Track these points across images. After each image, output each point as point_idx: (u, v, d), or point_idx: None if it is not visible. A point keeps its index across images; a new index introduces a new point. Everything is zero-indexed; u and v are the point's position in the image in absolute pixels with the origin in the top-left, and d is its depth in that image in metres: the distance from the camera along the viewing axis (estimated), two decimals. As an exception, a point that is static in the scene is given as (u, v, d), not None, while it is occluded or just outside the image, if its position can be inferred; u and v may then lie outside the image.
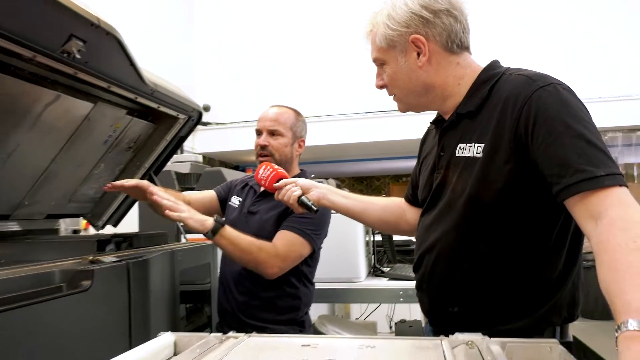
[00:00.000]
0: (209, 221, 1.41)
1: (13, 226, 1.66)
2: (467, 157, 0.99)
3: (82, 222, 2.61)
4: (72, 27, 1.13)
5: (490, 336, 0.77)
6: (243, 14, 5.82)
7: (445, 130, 1.08)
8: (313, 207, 1.28)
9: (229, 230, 1.44)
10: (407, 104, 1.13)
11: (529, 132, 0.90)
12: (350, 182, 11.62)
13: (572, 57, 5.24)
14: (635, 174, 6.28)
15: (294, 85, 5.62)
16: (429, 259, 1.07)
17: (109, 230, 2.00)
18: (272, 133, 1.66)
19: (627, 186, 0.82)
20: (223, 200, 1.79)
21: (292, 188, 1.30)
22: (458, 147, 1.03)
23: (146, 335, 1.25)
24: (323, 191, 1.31)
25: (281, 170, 1.41)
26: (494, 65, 1.06)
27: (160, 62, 4.89)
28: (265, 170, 1.40)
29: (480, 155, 0.96)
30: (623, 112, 5.21)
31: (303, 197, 1.29)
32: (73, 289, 1.06)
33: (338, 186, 4.15)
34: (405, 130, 4.89)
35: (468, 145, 1.00)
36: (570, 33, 5.23)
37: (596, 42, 5.19)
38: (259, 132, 1.68)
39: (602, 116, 5.21)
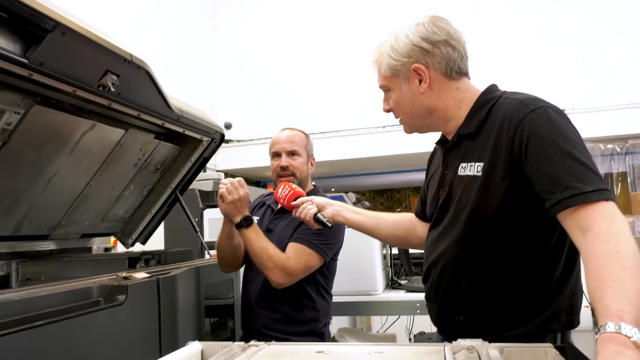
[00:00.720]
0: (238, 217, 1.61)
1: (50, 245, 1.78)
2: (469, 175, 1.07)
3: (111, 239, 2.74)
4: (108, 63, 1.25)
5: (492, 342, 0.84)
6: (264, 34, 5.99)
7: (449, 150, 1.16)
8: (328, 223, 1.36)
9: (250, 231, 1.61)
10: (412, 126, 1.22)
11: (522, 152, 0.98)
12: (371, 195, 11.64)
13: (591, 65, 5.23)
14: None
15: (313, 102, 5.74)
16: (436, 270, 1.14)
17: (137, 247, 2.11)
18: (291, 154, 1.76)
19: (614, 201, 0.89)
20: None
21: (309, 206, 1.39)
22: (460, 166, 1.10)
23: (175, 345, 1.34)
24: (337, 208, 1.40)
25: (299, 189, 1.50)
26: (491, 89, 1.14)
27: (185, 82, 5.08)
28: (284, 190, 1.50)
29: (480, 173, 1.04)
30: (645, 118, 5.16)
31: (319, 215, 1.37)
32: (110, 302, 1.16)
33: (358, 199, 4.23)
34: (422, 143, 4.91)
35: (469, 164, 1.08)
36: (591, 39, 5.22)
37: (616, 50, 5.17)
38: (277, 154, 1.78)
39: (623, 123, 5.18)
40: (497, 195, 1.01)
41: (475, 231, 1.06)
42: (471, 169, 1.07)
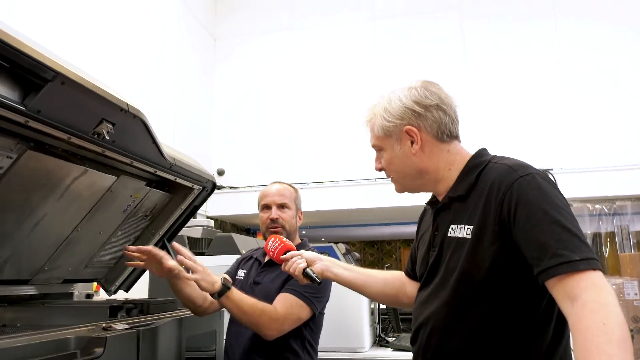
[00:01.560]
0: (218, 283, 1.49)
1: (31, 290, 1.73)
2: (458, 237, 1.08)
3: (94, 284, 2.68)
4: (104, 112, 1.27)
5: None
6: (260, 84, 6.14)
7: (439, 211, 1.17)
8: (317, 279, 1.35)
9: (234, 293, 1.52)
10: (403, 186, 1.24)
11: (511, 217, 0.99)
12: (361, 246, 11.57)
13: (579, 127, 5.38)
14: (648, 242, 6.20)
15: (306, 152, 5.82)
16: (424, 332, 1.12)
17: (121, 295, 2.06)
18: (281, 206, 1.78)
19: (601, 270, 0.89)
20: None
21: (298, 260, 1.38)
22: (450, 228, 1.11)
23: (151, 402, 1.28)
24: (327, 264, 1.39)
25: (289, 242, 1.49)
26: (481, 153, 1.17)
27: (181, 128, 5.15)
28: (274, 242, 1.49)
29: (469, 236, 1.05)
30: (632, 180, 5.27)
31: (308, 270, 1.36)
32: (86, 355, 1.12)
33: (347, 250, 4.20)
34: (413, 196, 4.96)
35: (459, 226, 1.09)
36: (578, 102, 5.40)
37: (605, 111, 5.35)
38: (267, 207, 1.80)
39: (611, 185, 5.28)
40: (486, 259, 1.02)
41: (464, 294, 1.05)
42: (461, 231, 1.08)
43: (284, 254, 1.44)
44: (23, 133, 1.19)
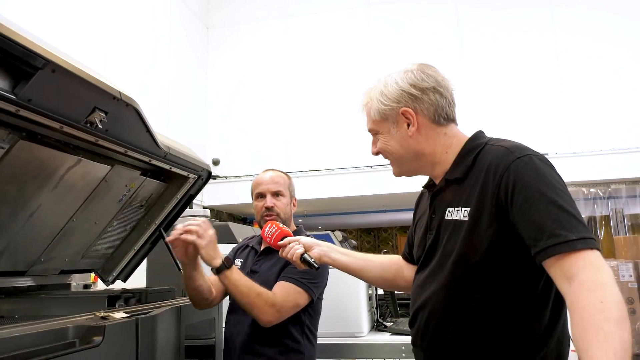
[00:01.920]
0: (218, 260, 1.50)
1: (28, 282, 1.73)
2: (455, 220, 1.08)
3: (91, 275, 2.67)
4: (97, 101, 1.26)
5: None
6: (255, 72, 6.10)
7: (436, 194, 1.18)
8: (315, 264, 1.35)
9: (233, 272, 1.53)
10: (400, 169, 1.24)
11: (508, 199, 0.99)
12: (358, 234, 11.61)
13: (574, 111, 5.39)
14: (643, 225, 6.26)
15: (301, 140, 5.80)
16: (422, 315, 1.13)
17: (118, 285, 2.06)
18: (276, 194, 1.77)
19: (598, 249, 0.90)
20: None
21: (296, 246, 1.38)
22: (447, 211, 1.12)
23: (152, 390, 1.29)
24: (324, 249, 1.39)
25: (286, 228, 1.49)
26: (478, 135, 1.17)
27: (176, 117, 5.12)
28: (270, 229, 1.49)
29: (466, 218, 1.06)
30: (627, 164, 5.30)
31: (305, 255, 1.36)
32: (86, 344, 1.12)
33: (344, 238, 4.21)
34: (409, 183, 4.98)
35: (456, 209, 1.09)
36: (573, 87, 5.41)
37: (600, 96, 5.36)
38: (261, 195, 1.80)
39: (606, 168, 5.30)
40: (484, 241, 1.02)
41: (462, 276, 1.06)
42: (458, 213, 1.08)
43: (281, 240, 1.43)
44: (14, 123, 1.17)
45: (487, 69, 5.53)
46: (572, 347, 1.11)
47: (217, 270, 1.51)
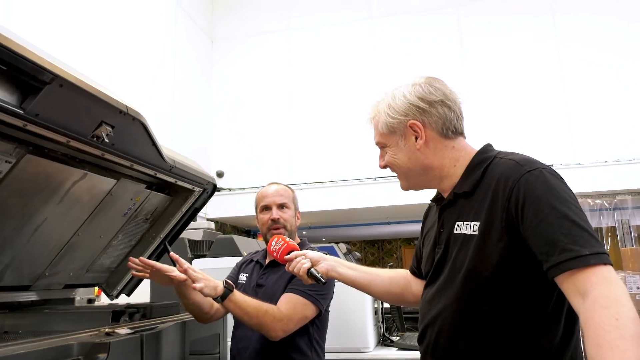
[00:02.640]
0: (220, 287, 1.47)
1: (32, 296, 1.72)
2: (465, 234, 1.07)
3: (95, 289, 2.66)
4: (103, 115, 1.25)
5: None
6: (259, 85, 6.13)
7: (444, 208, 1.16)
8: (322, 279, 1.33)
9: (237, 295, 1.50)
10: (408, 182, 1.22)
11: (518, 213, 0.97)
12: (362, 245, 11.56)
13: (579, 122, 5.38)
14: (648, 236, 6.20)
15: (305, 152, 5.80)
16: (432, 331, 1.11)
17: (122, 299, 2.05)
18: (281, 207, 1.76)
19: (611, 264, 0.88)
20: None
21: (302, 260, 1.36)
22: (456, 225, 1.10)
23: (156, 407, 1.27)
24: (331, 263, 1.37)
25: (292, 242, 1.48)
26: (486, 149, 1.16)
27: (180, 130, 5.14)
28: (277, 243, 1.47)
29: (476, 233, 1.04)
30: (632, 175, 5.27)
31: (312, 270, 1.34)
32: (90, 361, 1.11)
33: (348, 250, 4.19)
34: (414, 195, 4.96)
35: (465, 223, 1.07)
36: (577, 97, 5.41)
37: (604, 106, 5.35)
38: (267, 208, 1.79)
39: (612, 179, 5.28)
40: (494, 256, 1.00)
41: (472, 291, 1.04)
42: (467, 227, 1.06)
43: (288, 254, 1.42)
44: (21, 137, 1.17)
45: (489, 80, 5.54)
46: None
47: (222, 298, 1.48)
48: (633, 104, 5.31)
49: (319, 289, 1.62)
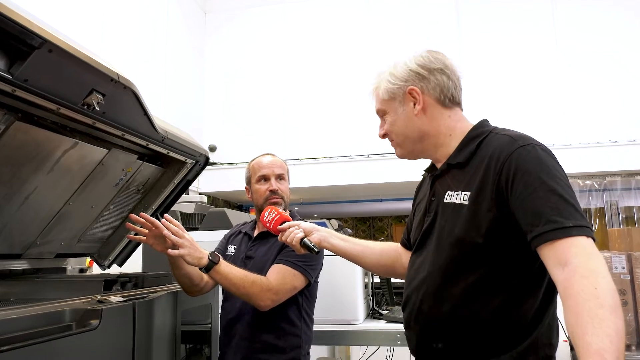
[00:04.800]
0: (205, 259, 1.46)
1: (23, 265, 1.72)
2: (455, 203, 1.10)
3: (87, 260, 2.66)
4: (94, 82, 1.24)
5: None
6: (252, 58, 6.04)
7: (437, 178, 1.19)
8: (315, 248, 1.34)
9: (222, 266, 1.49)
10: (403, 150, 1.25)
11: (508, 185, 1.00)
12: (353, 223, 11.63)
13: (572, 103, 5.39)
14: (636, 217, 6.30)
15: (298, 128, 5.77)
16: (417, 296, 1.14)
17: (114, 269, 2.06)
18: (279, 178, 1.75)
19: (594, 239, 0.90)
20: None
21: (295, 230, 1.38)
22: (447, 194, 1.13)
23: (148, 374, 1.29)
24: (324, 234, 1.40)
25: (285, 213, 1.49)
26: (483, 123, 1.19)
27: (172, 103, 5.07)
28: (270, 213, 1.48)
29: (466, 202, 1.07)
30: (623, 156, 5.32)
31: (305, 239, 1.36)
32: (82, 327, 1.12)
33: (340, 226, 4.21)
34: (406, 172, 4.99)
35: (456, 192, 1.11)
36: (572, 78, 5.40)
37: (598, 88, 5.36)
38: (265, 179, 1.76)
39: (603, 160, 5.32)
40: (482, 225, 1.03)
41: (458, 258, 1.07)
42: (457, 197, 1.09)
43: (281, 224, 1.43)
44: (10, 103, 1.15)
45: (486, 59, 5.51)
46: (562, 337, 1.13)
47: (207, 269, 1.47)
48: (627, 86, 5.32)
49: (308, 260, 1.63)
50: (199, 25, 6.02)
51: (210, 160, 2.01)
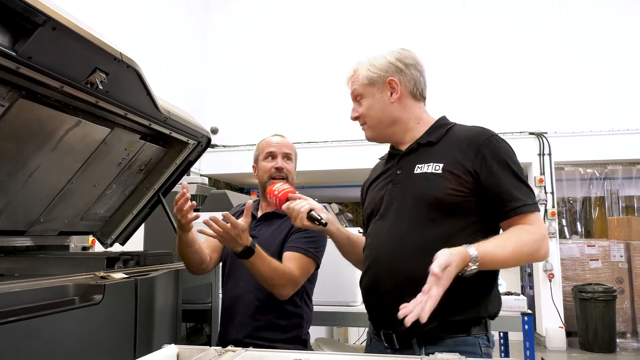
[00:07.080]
0: (240, 247, 1.46)
1: (27, 242, 1.74)
2: (425, 172, 1.24)
3: (89, 238, 2.69)
4: (97, 61, 1.24)
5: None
6: (254, 43, 6.01)
7: (405, 155, 1.32)
8: (322, 221, 1.34)
9: (255, 256, 1.48)
10: (375, 132, 1.36)
11: (483, 166, 1.20)
12: (354, 207, 11.66)
13: (575, 91, 5.36)
14: (636, 206, 6.31)
15: (300, 111, 5.77)
16: (384, 260, 1.24)
17: (116, 248, 2.08)
18: (286, 157, 1.76)
19: (539, 211, 1.24)
20: None
21: (303, 202, 1.40)
22: (416, 167, 1.27)
23: (149, 348, 1.32)
24: (331, 217, 1.42)
25: (292, 189, 1.51)
26: (445, 118, 1.37)
27: (175, 85, 5.07)
28: (283, 184, 1.50)
29: (439, 171, 1.22)
30: (623, 145, 5.31)
31: (313, 212, 1.36)
32: (85, 302, 1.14)
33: (341, 211, 4.23)
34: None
35: (427, 164, 1.25)
36: (575, 67, 5.37)
37: (601, 77, 5.33)
38: (272, 156, 1.76)
39: (605, 149, 5.31)
40: (450, 192, 1.19)
41: (425, 219, 1.21)
42: (429, 167, 1.24)
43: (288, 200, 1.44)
44: (14, 81, 1.16)
45: (490, 48, 5.47)
46: (559, 323, 1.19)
47: (244, 254, 1.47)
48: (629, 75, 5.29)
49: (316, 246, 1.65)
50: (202, 6, 5.97)
51: (212, 143, 2.01)
